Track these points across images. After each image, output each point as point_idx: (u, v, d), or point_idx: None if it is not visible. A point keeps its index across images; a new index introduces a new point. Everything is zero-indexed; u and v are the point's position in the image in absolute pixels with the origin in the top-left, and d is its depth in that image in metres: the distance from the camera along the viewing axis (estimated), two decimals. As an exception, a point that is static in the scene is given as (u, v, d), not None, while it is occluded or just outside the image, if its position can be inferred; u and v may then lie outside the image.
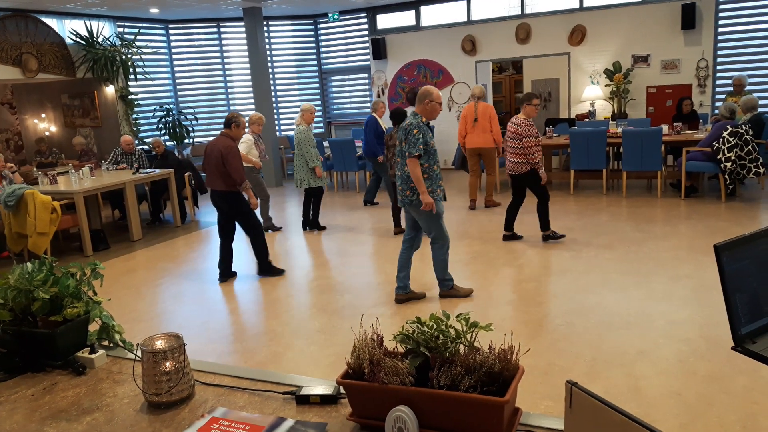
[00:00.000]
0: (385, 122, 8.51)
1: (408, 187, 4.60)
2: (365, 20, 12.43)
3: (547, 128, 9.48)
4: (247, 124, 5.51)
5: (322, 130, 13.20)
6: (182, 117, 11.72)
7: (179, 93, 12.35)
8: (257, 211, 6.08)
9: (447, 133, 11.40)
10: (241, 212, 5.66)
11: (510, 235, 6.52)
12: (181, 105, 12.22)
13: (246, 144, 7.30)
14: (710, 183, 8.75)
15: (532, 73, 13.07)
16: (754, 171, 7.30)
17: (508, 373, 1.28)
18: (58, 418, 1.46)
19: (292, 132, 8.78)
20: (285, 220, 8.48)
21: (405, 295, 4.93)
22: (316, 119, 13.09)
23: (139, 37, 10.84)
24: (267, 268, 5.91)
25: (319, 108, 13.26)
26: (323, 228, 7.69)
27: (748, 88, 9.21)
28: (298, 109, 12.94)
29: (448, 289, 4.93)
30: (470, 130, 7.96)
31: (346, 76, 13.09)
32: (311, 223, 7.66)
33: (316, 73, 13.20)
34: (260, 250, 5.85)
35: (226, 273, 5.90)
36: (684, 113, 9.12)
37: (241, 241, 7.52)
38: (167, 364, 1.46)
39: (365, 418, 1.33)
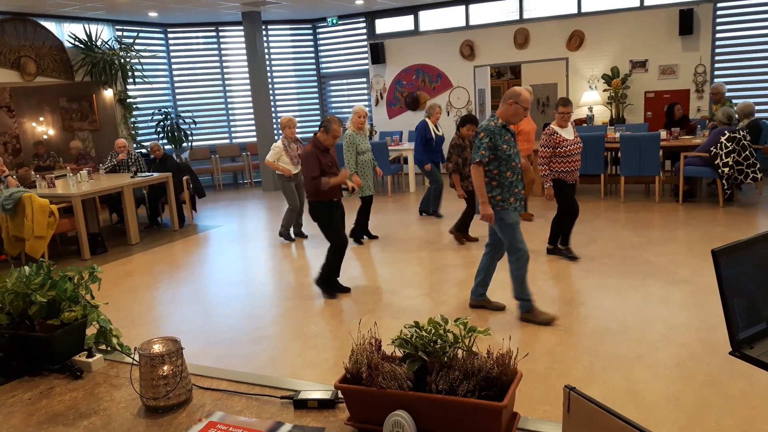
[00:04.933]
0: (446, 127, 8.12)
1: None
2: (364, 25, 12.45)
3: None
4: (336, 131, 5.01)
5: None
6: (181, 121, 11.72)
7: (178, 97, 12.35)
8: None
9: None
10: (321, 225, 5.19)
11: (553, 249, 6.03)
12: (179, 109, 12.23)
13: (274, 151, 7.15)
14: (708, 188, 8.77)
15: (531, 78, 13.12)
16: (751, 176, 7.32)
17: (506, 377, 1.28)
18: (55, 422, 1.46)
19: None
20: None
21: (476, 301, 4.70)
22: (313, 123, 13.19)
23: (137, 40, 10.84)
24: (322, 282, 5.35)
25: (317, 112, 13.28)
26: (375, 237, 7.23)
27: (745, 93, 9.26)
28: (296, 113, 13.01)
29: (525, 312, 4.42)
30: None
31: (345, 81, 13.11)
32: (356, 233, 7.12)
33: (315, 78, 13.22)
34: (327, 266, 5.29)
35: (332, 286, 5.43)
36: (675, 119, 9.15)
37: (244, 248, 7.50)
38: (165, 368, 1.46)
39: (363, 423, 1.32)
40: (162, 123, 11.43)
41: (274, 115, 12.39)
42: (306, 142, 7.50)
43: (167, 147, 11.31)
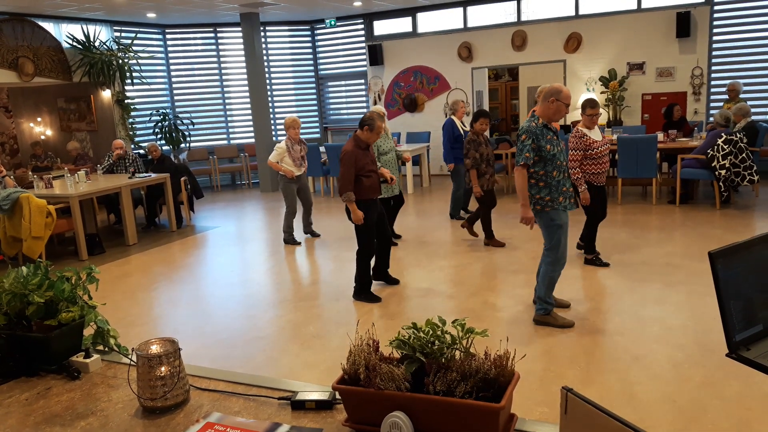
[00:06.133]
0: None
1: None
2: (362, 26, 12.46)
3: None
4: (379, 128, 4.94)
5: (318, 135, 13.21)
6: (178, 122, 11.71)
7: (176, 98, 12.35)
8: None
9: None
10: (356, 225, 5.04)
11: (592, 259, 5.78)
12: (177, 110, 12.22)
13: (277, 151, 7.07)
14: (705, 190, 8.79)
15: (528, 80, 13.13)
16: (748, 178, 7.34)
17: (503, 379, 1.28)
18: (53, 422, 1.46)
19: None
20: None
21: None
22: (311, 124, 13.20)
23: (135, 41, 10.84)
24: (359, 293, 5.20)
25: (315, 114, 13.28)
26: (398, 237, 7.07)
27: (742, 96, 9.27)
28: (294, 115, 13.00)
29: (544, 314, 4.35)
30: None
31: (343, 82, 13.12)
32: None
33: (313, 79, 13.22)
34: (358, 275, 5.19)
35: (382, 279, 5.46)
36: (674, 119, 9.17)
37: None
38: (162, 368, 1.46)
39: (361, 424, 1.33)
40: (160, 124, 11.42)
41: (272, 116, 12.38)
42: (310, 143, 7.43)
43: (165, 148, 11.30)
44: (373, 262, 5.38)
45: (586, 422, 1.00)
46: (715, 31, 9.78)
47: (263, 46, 12.15)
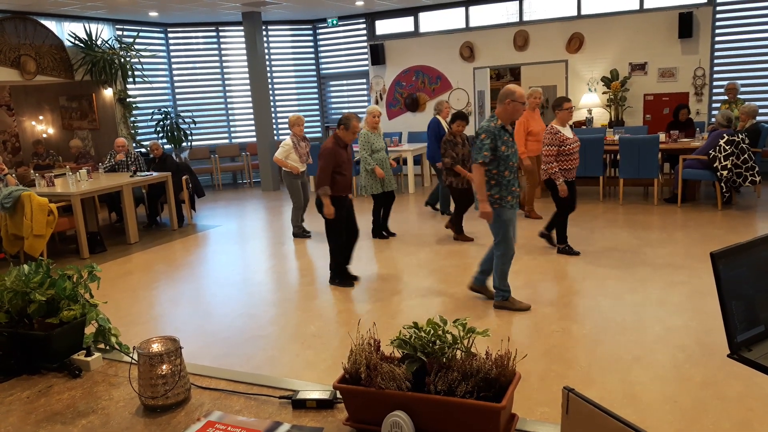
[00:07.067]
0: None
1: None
2: (364, 26, 12.46)
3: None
4: (355, 127, 5.24)
5: (320, 134, 13.21)
6: (180, 120, 11.72)
7: (177, 97, 12.35)
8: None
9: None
10: (325, 219, 5.36)
11: (563, 248, 6.16)
12: (179, 108, 12.22)
13: (284, 148, 7.25)
14: (706, 191, 8.78)
15: (530, 80, 13.10)
16: (750, 179, 7.33)
17: (504, 379, 1.28)
18: (53, 420, 1.46)
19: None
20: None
21: (476, 286, 4.95)
22: (313, 123, 13.20)
23: (138, 40, 10.84)
24: (333, 278, 5.63)
25: (317, 113, 13.28)
26: (393, 234, 7.30)
27: (744, 96, 9.26)
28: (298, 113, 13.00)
29: (503, 300, 4.73)
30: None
31: (345, 82, 13.12)
32: (382, 228, 7.26)
33: (315, 79, 13.22)
34: (332, 261, 5.58)
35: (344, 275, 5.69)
36: (680, 121, 9.16)
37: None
38: (163, 367, 1.46)
39: (362, 423, 1.33)
40: (162, 122, 11.42)
41: (273, 115, 12.38)
42: (312, 143, 7.60)
43: (167, 146, 11.30)
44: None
45: (587, 422, 0.99)
46: (717, 31, 9.76)
47: (265, 45, 12.15)
